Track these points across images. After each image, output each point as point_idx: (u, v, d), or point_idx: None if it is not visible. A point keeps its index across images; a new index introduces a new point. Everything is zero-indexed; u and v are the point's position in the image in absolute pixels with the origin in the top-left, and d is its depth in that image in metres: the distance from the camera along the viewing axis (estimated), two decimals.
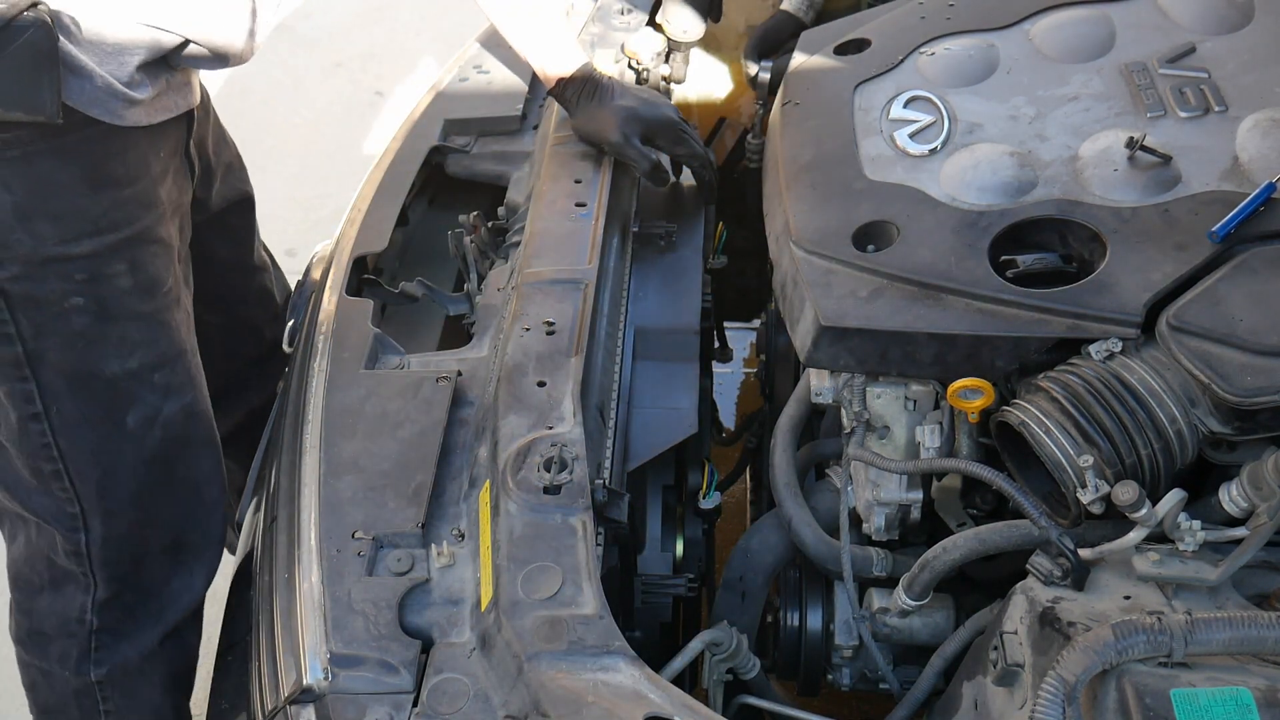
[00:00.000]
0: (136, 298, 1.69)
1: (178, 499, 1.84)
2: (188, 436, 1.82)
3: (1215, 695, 1.07)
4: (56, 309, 1.63)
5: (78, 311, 1.64)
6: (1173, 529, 1.26)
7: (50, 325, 1.64)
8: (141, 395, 1.74)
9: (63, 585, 1.83)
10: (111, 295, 1.67)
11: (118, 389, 1.72)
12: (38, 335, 1.64)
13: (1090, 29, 1.81)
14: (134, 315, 1.70)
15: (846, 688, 1.69)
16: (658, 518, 1.68)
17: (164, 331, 1.74)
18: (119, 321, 1.68)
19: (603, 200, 1.76)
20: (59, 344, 1.66)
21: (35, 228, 1.58)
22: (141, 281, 1.69)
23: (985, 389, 1.44)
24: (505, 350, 1.53)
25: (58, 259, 1.60)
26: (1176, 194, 1.52)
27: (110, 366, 1.70)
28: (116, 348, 1.70)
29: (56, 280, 1.62)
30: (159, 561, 1.85)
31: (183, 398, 1.79)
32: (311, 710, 1.20)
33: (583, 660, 1.16)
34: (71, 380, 1.69)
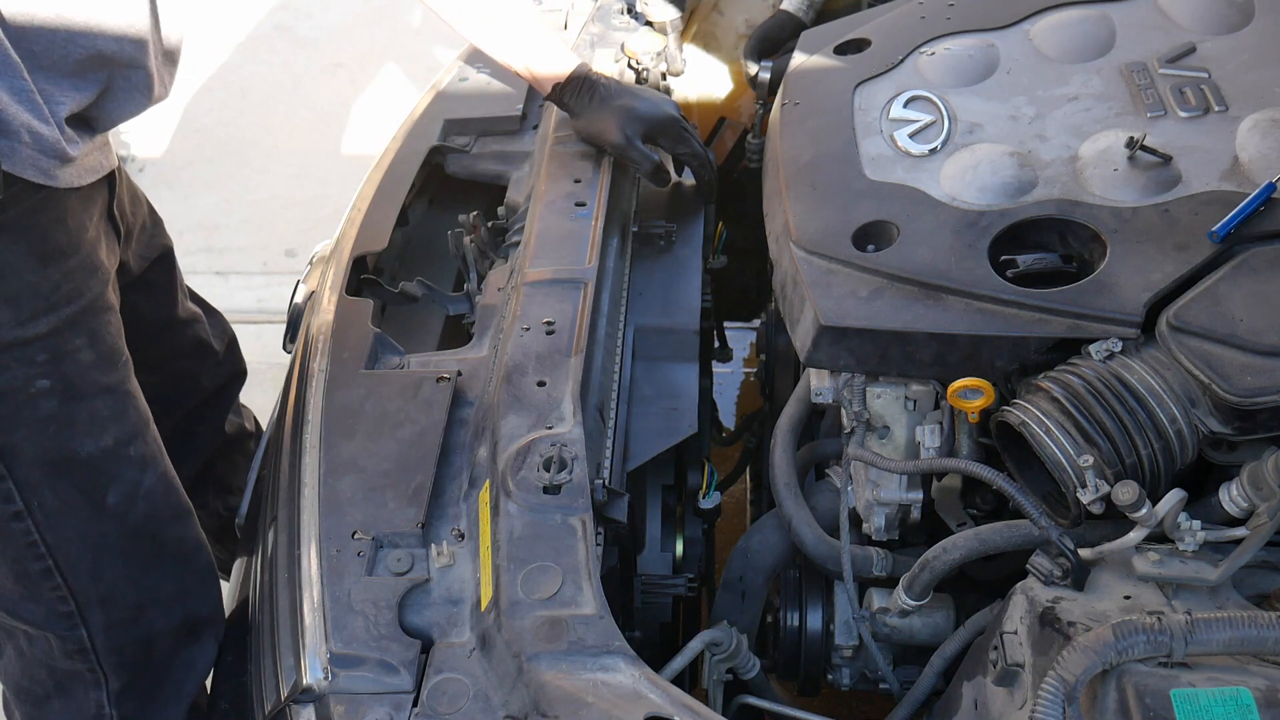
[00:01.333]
0: (99, 370, 1.62)
1: (171, 572, 1.77)
2: (169, 506, 1.75)
3: (1215, 695, 1.07)
4: (23, 396, 1.56)
5: (45, 395, 1.57)
6: (1173, 529, 1.26)
7: (18, 415, 1.57)
8: (119, 472, 1.67)
9: (71, 687, 1.75)
10: (75, 371, 1.59)
11: (95, 469, 1.64)
12: (8, 429, 1.57)
13: (1090, 29, 1.81)
14: (100, 390, 1.63)
15: (846, 688, 1.69)
16: (658, 518, 1.68)
17: (130, 402, 1.68)
18: (86, 399, 1.61)
19: (603, 200, 1.76)
20: (30, 434, 1.58)
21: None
22: (103, 353, 1.62)
23: (985, 389, 1.44)
24: (505, 350, 1.53)
25: (17, 343, 1.53)
26: (1176, 194, 1.52)
27: (85, 447, 1.62)
28: (88, 427, 1.62)
29: (19, 366, 1.54)
30: (168, 639, 1.78)
31: (158, 467, 1.73)
32: (311, 710, 1.20)
33: (583, 660, 1.16)
34: (47, 469, 1.61)
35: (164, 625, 1.76)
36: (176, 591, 1.77)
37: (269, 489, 1.55)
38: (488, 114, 2.02)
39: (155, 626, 1.76)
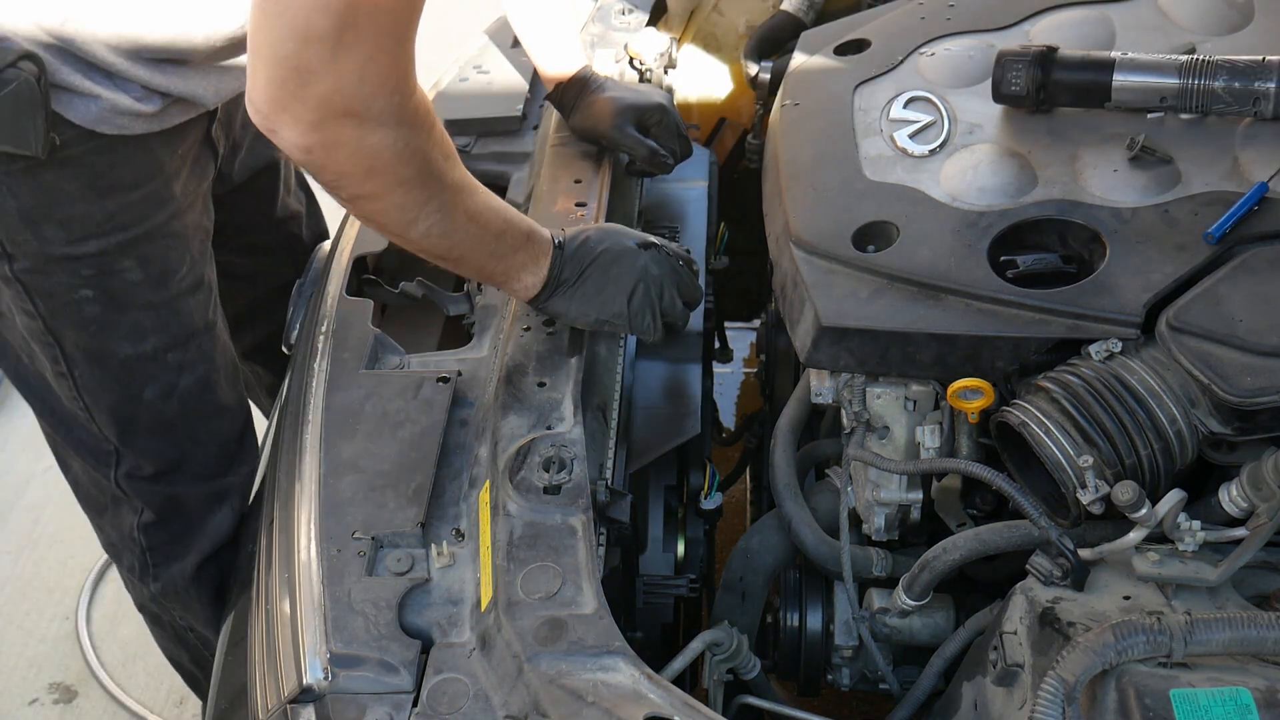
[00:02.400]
0: (147, 289, 1.76)
1: (201, 455, 1.96)
2: (205, 405, 1.93)
3: (1215, 695, 1.07)
4: (67, 299, 1.72)
5: (88, 302, 1.72)
6: (1172, 529, 1.26)
7: (63, 312, 1.73)
8: (156, 374, 1.84)
9: (118, 506, 2.00)
10: (121, 288, 1.74)
11: (132, 368, 1.81)
12: (56, 318, 1.74)
13: (1090, 29, 1.81)
14: (145, 305, 1.77)
15: (846, 688, 1.69)
16: (659, 518, 1.68)
17: (176, 317, 1.82)
18: (130, 310, 1.76)
19: (603, 200, 1.76)
20: (73, 326, 1.75)
21: (42, 231, 1.64)
22: (152, 274, 1.76)
23: (985, 389, 1.44)
24: (505, 350, 1.53)
25: (64, 258, 1.68)
26: (1176, 194, 1.52)
27: (124, 350, 1.79)
28: (128, 333, 1.78)
29: (64, 275, 1.69)
30: (194, 502, 1.99)
31: (196, 372, 1.88)
32: (311, 710, 1.20)
33: (583, 660, 1.16)
34: (89, 356, 1.78)
35: (191, 491, 1.98)
36: (205, 469, 1.98)
37: (269, 489, 1.55)
38: (488, 114, 2.02)
39: (181, 489, 1.97)
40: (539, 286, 1.50)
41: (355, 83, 1.21)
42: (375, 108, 1.24)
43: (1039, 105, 1.66)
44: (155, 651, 2.70)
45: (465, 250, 1.43)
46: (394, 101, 1.25)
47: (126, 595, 2.66)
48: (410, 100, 1.27)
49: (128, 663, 2.72)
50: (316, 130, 1.23)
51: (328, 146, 1.25)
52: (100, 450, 1.91)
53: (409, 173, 1.31)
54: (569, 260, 1.51)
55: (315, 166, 1.28)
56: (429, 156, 1.32)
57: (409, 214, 1.35)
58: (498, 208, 1.45)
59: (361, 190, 1.31)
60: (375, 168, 1.29)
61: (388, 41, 1.22)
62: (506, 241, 1.46)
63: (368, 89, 1.22)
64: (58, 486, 3.11)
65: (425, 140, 1.31)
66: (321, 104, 1.21)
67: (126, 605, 2.81)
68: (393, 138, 1.27)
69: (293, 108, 1.22)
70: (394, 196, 1.33)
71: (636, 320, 1.53)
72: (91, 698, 2.66)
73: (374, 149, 1.27)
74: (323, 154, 1.26)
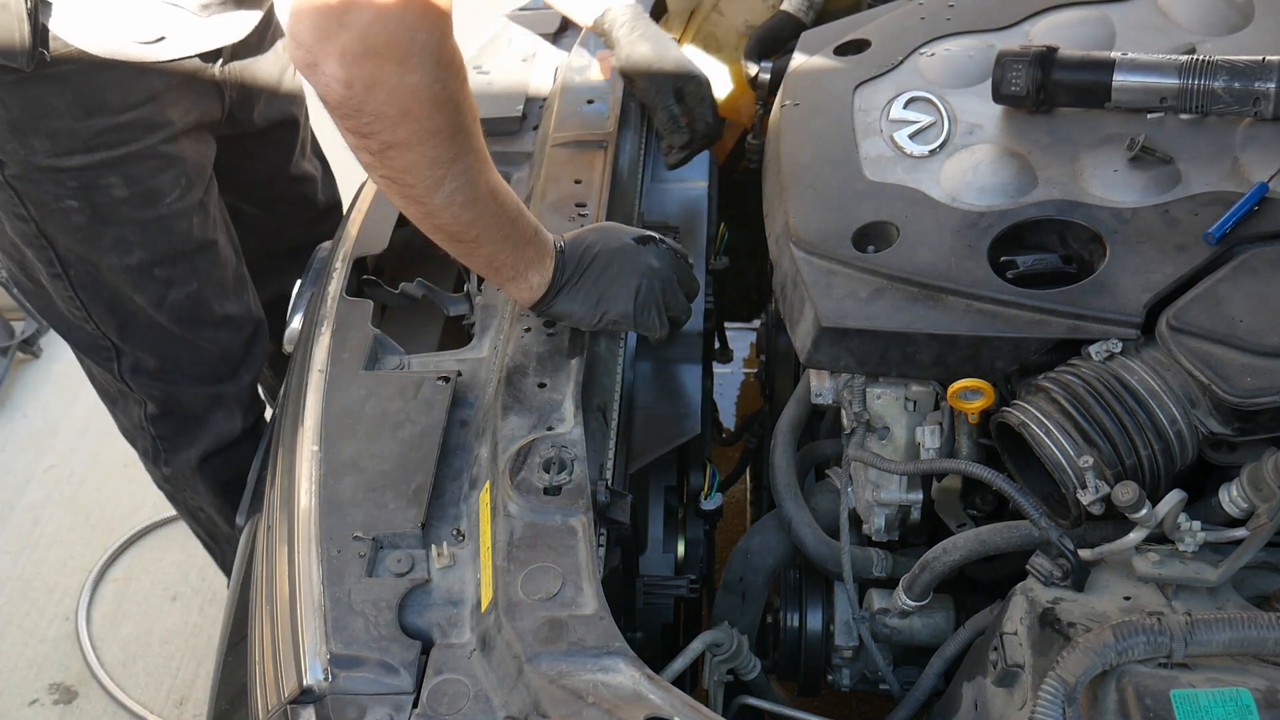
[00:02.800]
0: (133, 206, 1.83)
1: (199, 361, 2.07)
2: (199, 316, 2.01)
3: (1215, 696, 1.07)
4: (53, 206, 1.80)
5: (74, 211, 1.81)
6: (1173, 530, 1.26)
7: (51, 218, 1.82)
8: (143, 284, 1.93)
9: (125, 398, 2.14)
10: (105, 203, 1.81)
11: (120, 277, 1.90)
12: (44, 220, 1.83)
13: (1090, 29, 1.81)
14: (130, 220, 1.84)
15: (846, 688, 1.69)
16: (659, 519, 1.68)
17: (165, 235, 1.89)
18: (115, 224, 1.83)
19: (603, 200, 1.76)
20: (62, 231, 1.84)
21: (29, 141, 1.72)
22: (138, 193, 1.82)
23: (985, 390, 1.44)
24: (505, 350, 1.53)
25: (50, 169, 1.76)
26: (1177, 194, 1.52)
27: (110, 260, 1.87)
28: (114, 245, 1.86)
29: (50, 185, 1.78)
30: (193, 401, 2.12)
31: (188, 287, 1.96)
32: (311, 710, 1.20)
33: (583, 661, 1.16)
34: (80, 258, 1.88)
35: (190, 390, 2.11)
36: (203, 373, 2.10)
37: (269, 489, 1.55)
38: (488, 114, 2.00)
39: (180, 388, 2.10)
40: (544, 288, 1.49)
41: (399, 12, 1.21)
42: (418, 41, 1.24)
43: (1039, 105, 1.66)
44: (155, 651, 2.70)
45: (483, 228, 1.41)
46: (435, 38, 1.25)
47: (127, 595, 2.67)
48: (449, 41, 1.28)
49: (128, 663, 2.72)
50: (357, 63, 1.23)
51: (368, 83, 1.25)
52: (100, 347, 2.03)
53: (442, 121, 1.30)
54: (570, 263, 1.51)
55: (353, 106, 1.26)
56: (461, 107, 1.32)
57: (437, 170, 1.34)
58: (513, 194, 1.46)
59: (395, 137, 1.30)
60: (411, 110, 1.28)
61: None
62: (520, 229, 1.46)
63: (412, 19, 1.22)
64: (58, 486, 3.14)
65: (460, 89, 1.31)
66: (366, 34, 1.21)
67: (126, 605, 2.82)
68: (431, 78, 1.26)
69: (338, 37, 1.21)
70: (425, 147, 1.32)
71: (642, 317, 1.53)
72: (91, 698, 2.66)
73: (412, 89, 1.26)
74: (363, 91, 1.25)
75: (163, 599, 2.87)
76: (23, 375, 3.51)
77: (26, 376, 3.50)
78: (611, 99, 1.98)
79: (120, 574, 2.93)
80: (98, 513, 3.09)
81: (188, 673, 2.70)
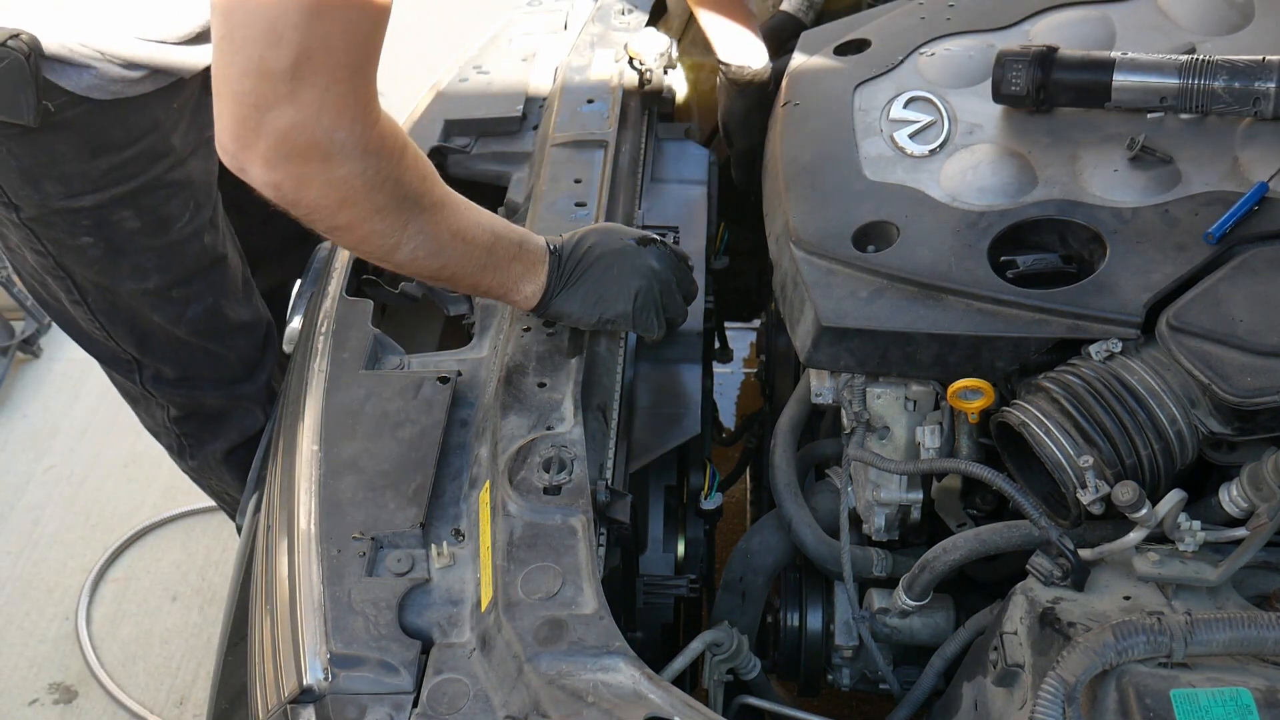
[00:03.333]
0: (146, 235, 1.86)
1: (218, 367, 2.13)
2: (217, 327, 2.06)
3: (1215, 695, 1.07)
4: (70, 244, 1.85)
5: (90, 246, 1.85)
6: (1173, 529, 1.26)
7: (68, 254, 1.87)
8: (161, 305, 1.98)
9: (148, 402, 2.19)
10: (119, 235, 1.85)
11: (138, 300, 1.95)
12: (61, 255, 1.88)
13: (1090, 29, 1.81)
14: (145, 249, 1.88)
15: (846, 688, 1.69)
16: (659, 518, 1.68)
17: (179, 258, 1.93)
18: (130, 254, 1.87)
19: (603, 200, 1.76)
20: (79, 264, 1.89)
21: (41, 187, 1.76)
22: (150, 222, 1.86)
23: (985, 389, 1.44)
24: (505, 350, 1.53)
25: (64, 210, 1.80)
26: (1176, 194, 1.52)
27: (127, 286, 1.92)
28: (131, 272, 1.90)
29: (65, 225, 1.82)
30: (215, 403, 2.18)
31: (204, 302, 2.00)
32: (311, 710, 1.20)
33: (583, 661, 1.16)
34: (98, 287, 1.93)
35: (212, 394, 2.16)
36: (224, 377, 2.15)
37: (269, 489, 1.55)
38: (488, 114, 2.02)
39: (201, 393, 2.16)
40: (539, 294, 1.49)
41: (315, 115, 1.22)
42: (338, 139, 1.25)
43: (1039, 105, 1.66)
44: (155, 651, 2.71)
45: (456, 268, 1.43)
46: (356, 131, 1.26)
47: (127, 595, 2.68)
48: (374, 129, 1.28)
49: (128, 663, 2.72)
50: (282, 166, 1.25)
51: (296, 182, 1.27)
52: (120, 360, 2.08)
53: (383, 200, 1.32)
54: (568, 263, 1.51)
55: (288, 202, 1.29)
56: (402, 181, 1.33)
57: (391, 239, 1.36)
58: (485, 222, 1.45)
59: (338, 222, 1.32)
60: (348, 198, 1.30)
61: (344, 73, 1.22)
62: (498, 254, 1.46)
63: (328, 120, 1.23)
64: (58, 486, 3.14)
65: (396, 166, 1.31)
66: (283, 139, 1.23)
67: (126, 605, 2.82)
68: (361, 167, 1.27)
69: (256, 144, 1.23)
70: (372, 224, 1.34)
71: (641, 318, 1.53)
72: (91, 698, 2.66)
73: (343, 180, 1.28)
74: (293, 190, 1.27)
75: (163, 599, 2.87)
76: (23, 375, 3.50)
77: (26, 376, 3.50)
78: (611, 99, 1.98)
79: (120, 574, 2.93)
80: (98, 513, 3.09)
81: (188, 673, 2.70)
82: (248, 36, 1.20)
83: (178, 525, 3.05)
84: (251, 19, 1.20)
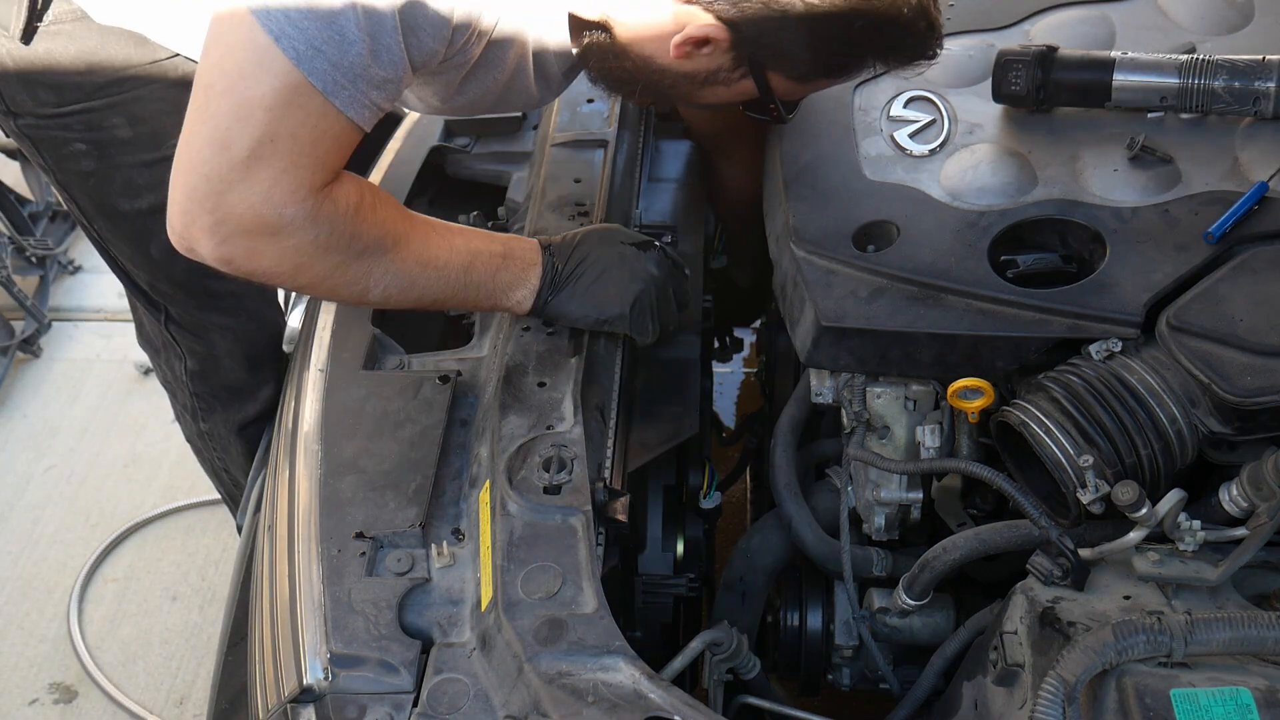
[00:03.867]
0: (138, 147, 1.85)
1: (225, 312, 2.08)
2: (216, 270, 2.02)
3: (1215, 695, 1.07)
4: (64, 150, 1.85)
5: (82, 155, 1.85)
6: (1173, 529, 1.26)
7: (64, 165, 1.87)
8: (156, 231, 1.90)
9: (167, 350, 2.16)
10: (110, 143, 1.84)
11: (134, 223, 1.93)
12: (60, 170, 1.89)
13: (1090, 29, 1.81)
14: (137, 163, 1.86)
15: (846, 688, 1.69)
16: (659, 518, 1.68)
17: None
18: (122, 167, 1.86)
19: (603, 200, 1.76)
20: (77, 183, 1.89)
21: (36, 93, 1.79)
22: (142, 134, 1.84)
23: (985, 389, 1.44)
24: (505, 350, 1.53)
25: (56, 114, 1.81)
26: (1176, 194, 1.52)
27: (122, 205, 1.90)
28: (123, 189, 1.89)
29: (59, 130, 1.83)
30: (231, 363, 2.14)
31: None
32: (311, 710, 1.20)
33: (583, 660, 1.16)
34: (98, 209, 1.92)
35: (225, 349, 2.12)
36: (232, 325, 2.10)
37: (269, 489, 1.55)
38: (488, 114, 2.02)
39: (218, 349, 2.11)
40: (531, 299, 1.50)
41: (265, 194, 1.25)
42: (287, 215, 1.27)
43: (1039, 105, 1.66)
44: (155, 651, 2.70)
45: (435, 294, 1.45)
46: (306, 207, 1.28)
47: (126, 595, 2.67)
48: (325, 202, 1.29)
49: (128, 663, 2.72)
50: (230, 241, 1.27)
51: (248, 255, 1.29)
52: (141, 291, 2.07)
53: (339, 258, 1.34)
54: (566, 263, 1.51)
55: (243, 273, 1.31)
56: (357, 235, 1.34)
57: (358, 286, 1.38)
58: (459, 244, 1.45)
59: (299, 284, 1.35)
60: (302, 265, 1.32)
61: (305, 161, 1.25)
62: (476, 273, 1.47)
63: (278, 198, 1.26)
64: (58, 486, 3.14)
65: (349, 224, 1.33)
66: (231, 215, 1.25)
67: (126, 605, 2.82)
68: (312, 235, 1.29)
69: (203, 219, 1.26)
70: (334, 280, 1.36)
71: (637, 322, 1.53)
72: (91, 698, 2.66)
73: (295, 249, 1.30)
74: (246, 262, 1.30)
75: (163, 599, 2.86)
76: (23, 375, 3.50)
77: (26, 376, 3.50)
78: (611, 99, 1.98)
79: (120, 574, 2.93)
80: (97, 513, 3.09)
81: (188, 673, 2.70)
82: (220, 109, 1.24)
83: (178, 526, 3.04)
84: (229, 92, 1.24)
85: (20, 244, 3.57)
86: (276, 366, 2.18)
